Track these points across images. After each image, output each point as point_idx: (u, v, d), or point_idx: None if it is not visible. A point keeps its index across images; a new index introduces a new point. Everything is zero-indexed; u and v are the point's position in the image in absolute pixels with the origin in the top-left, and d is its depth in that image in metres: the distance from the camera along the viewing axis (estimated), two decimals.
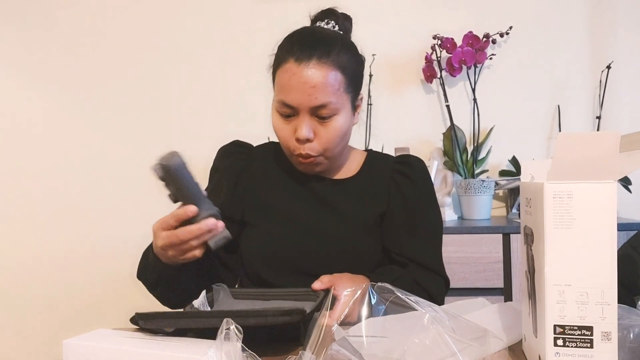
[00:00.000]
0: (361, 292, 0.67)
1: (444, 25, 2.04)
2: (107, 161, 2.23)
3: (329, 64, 0.94)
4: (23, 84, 2.27)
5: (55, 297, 2.22)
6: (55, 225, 2.24)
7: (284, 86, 0.95)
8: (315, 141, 0.97)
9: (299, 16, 1.13)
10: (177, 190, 0.81)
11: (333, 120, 0.96)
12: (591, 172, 0.58)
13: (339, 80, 0.96)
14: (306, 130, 0.95)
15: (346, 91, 0.98)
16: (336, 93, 0.95)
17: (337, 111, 0.96)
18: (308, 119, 0.95)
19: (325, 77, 0.93)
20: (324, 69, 0.94)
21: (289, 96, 0.95)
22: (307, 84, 0.93)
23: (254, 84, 2.13)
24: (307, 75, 0.93)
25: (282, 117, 0.98)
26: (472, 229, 1.71)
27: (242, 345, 0.58)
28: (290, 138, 0.98)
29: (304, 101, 0.94)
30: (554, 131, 2.07)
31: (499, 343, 0.69)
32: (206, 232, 0.83)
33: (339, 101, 0.96)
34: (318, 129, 0.96)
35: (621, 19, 2.06)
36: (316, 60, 0.94)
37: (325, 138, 0.97)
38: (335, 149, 1.00)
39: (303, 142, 0.97)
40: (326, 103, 0.94)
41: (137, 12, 2.24)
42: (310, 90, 0.93)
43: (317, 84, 0.93)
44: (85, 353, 0.66)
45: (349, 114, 1.00)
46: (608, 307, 0.58)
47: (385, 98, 2.12)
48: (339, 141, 0.99)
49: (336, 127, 0.97)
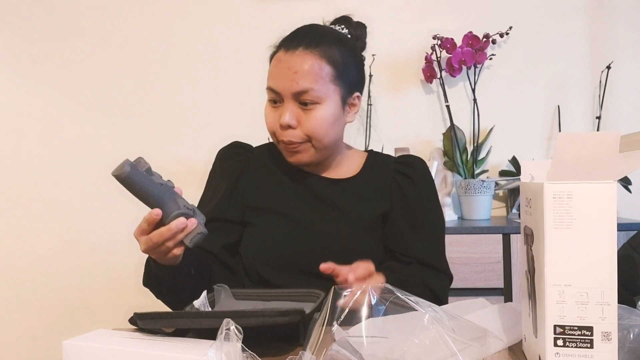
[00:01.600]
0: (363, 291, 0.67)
1: (443, 26, 2.04)
2: (107, 161, 2.23)
3: (315, 53, 0.98)
4: (23, 84, 2.27)
5: (55, 297, 2.22)
6: (55, 225, 2.23)
7: (271, 73, 1.01)
8: (298, 129, 0.99)
9: (299, 17, 1.14)
10: (138, 196, 0.82)
11: (316, 108, 0.98)
12: (591, 172, 0.58)
13: (324, 69, 0.98)
14: (288, 117, 0.98)
15: (333, 82, 0.99)
16: (319, 81, 0.97)
17: (320, 100, 0.98)
18: (291, 106, 0.98)
19: (309, 64, 0.97)
20: (308, 57, 0.98)
21: (273, 82, 0.99)
22: (290, 70, 0.97)
23: (254, 85, 2.12)
24: (291, 62, 0.97)
25: (270, 106, 1.02)
26: (472, 229, 1.71)
27: (242, 345, 0.58)
28: (276, 124, 1.01)
29: (286, 86, 0.97)
30: (554, 131, 2.07)
31: (498, 343, 0.69)
32: (177, 232, 0.82)
33: (323, 90, 0.98)
34: (301, 117, 0.99)
35: (621, 19, 2.06)
36: (302, 49, 0.98)
37: (307, 126, 0.98)
38: (322, 138, 1.00)
39: (285, 129, 0.99)
40: (307, 89, 0.96)
41: (137, 13, 2.23)
42: (293, 76, 0.96)
43: (299, 70, 0.96)
44: (85, 353, 0.66)
45: (337, 107, 1.01)
46: (608, 307, 0.58)
47: (385, 98, 2.12)
48: (324, 131, 1.00)
49: (319, 116, 0.98)
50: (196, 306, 0.86)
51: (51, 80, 2.26)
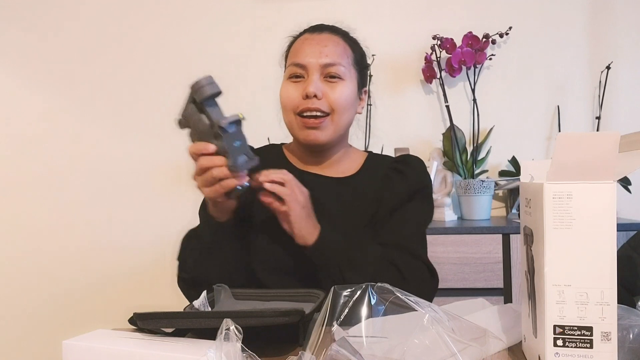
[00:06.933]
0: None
1: (443, 26, 2.04)
2: (108, 162, 2.23)
3: (339, 37, 1.07)
4: (23, 85, 2.27)
5: (55, 297, 2.22)
6: (54, 225, 2.23)
7: (297, 50, 1.05)
8: (322, 100, 1.01)
9: (300, 17, 1.14)
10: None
11: (340, 83, 1.02)
12: (591, 173, 0.58)
13: (348, 51, 1.06)
14: (315, 86, 1.00)
15: (354, 66, 1.06)
16: (344, 59, 1.04)
17: (344, 76, 1.03)
18: (317, 79, 1.01)
19: (336, 42, 1.05)
20: (335, 37, 1.06)
21: (300, 56, 1.03)
22: (319, 44, 1.03)
23: (254, 85, 2.13)
24: (320, 38, 1.05)
25: (291, 82, 1.04)
26: (471, 230, 1.71)
27: (242, 345, 0.58)
28: (298, 97, 1.02)
29: (315, 58, 1.01)
30: (554, 131, 2.07)
31: (498, 344, 0.69)
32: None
33: (347, 68, 1.04)
34: (326, 90, 1.02)
35: (621, 19, 2.06)
36: (328, 32, 1.07)
37: (333, 97, 1.01)
38: (342, 113, 1.03)
39: (311, 98, 1.01)
40: (335, 62, 1.02)
41: (138, 14, 2.23)
42: (322, 49, 1.02)
43: (329, 44, 1.03)
44: (84, 353, 0.66)
45: (355, 90, 1.06)
46: (608, 307, 0.58)
47: (385, 98, 2.12)
48: (345, 108, 1.03)
49: (343, 91, 1.02)
50: (196, 306, 0.86)
51: (52, 80, 2.26)
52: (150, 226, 2.18)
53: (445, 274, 1.66)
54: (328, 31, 1.07)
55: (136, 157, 2.20)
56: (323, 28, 1.08)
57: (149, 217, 2.19)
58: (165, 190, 2.15)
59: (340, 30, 1.09)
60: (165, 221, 2.13)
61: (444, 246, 1.68)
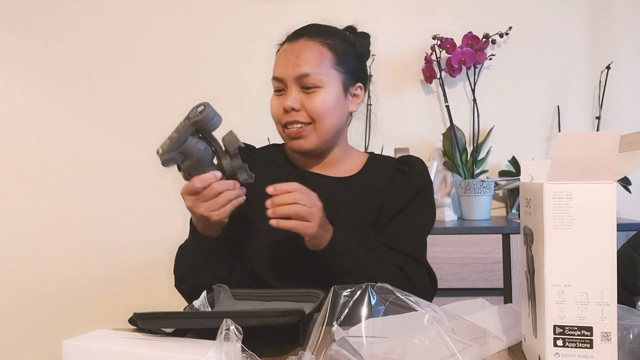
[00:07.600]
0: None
1: (443, 26, 2.04)
2: (108, 162, 2.23)
3: (316, 41, 1.04)
4: (24, 85, 2.27)
5: (55, 297, 2.22)
6: (54, 225, 2.23)
7: (276, 63, 1.06)
8: (301, 111, 1.02)
9: (300, 17, 1.14)
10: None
11: (318, 92, 1.01)
12: (591, 173, 0.58)
13: (324, 55, 1.03)
14: (292, 100, 1.01)
15: (334, 68, 1.03)
16: (320, 66, 1.01)
17: (322, 84, 1.01)
18: (295, 91, 1.02)
19: (309, 49, 1.02)
20: (309, 44, 1.03)
21: (277, 70, 1.04)
22: (292, 56, 1.02)
23: (255, 85, 2.13)
24: (293, 49, 1.03)
25: (275, 95, 1.06)
26: (471, 230, 1.71)
27: (242, 345, 0.58)
28: (280, 110, 1.04)
29: (288, 70, 1.02)
30: (554, 131, 2.07)
31: (498, 344, 0.69)
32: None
33: (324, 74, 1.02)
34: (304, 101, 1.02)
35: (621, 19, 2.06)
36: (304, 39, 1.04)
37: (310, 108, 1.01)
38: (324, 120, 1.02)
39: (289, 111, 1.02)
40: (308, 72, 1.00)
41: (139, 14, 2.23)
42: (295, 60, 1.01)
43: (301, 54, 1.02)
44: (84, 353, 0.66)
45: (338, 92, 1.04)
46: (608, 307, 0.58)
47: (385, 98, 2.12)
48: (326, 113, 1.02)
49: (320, 99, 1.01)
50: (196, 306, 0.86)
51: (52, 81, 2.26)
52: (150, 226, 2.18)
53: (445, 274, 1.66)
54: (305, 37, 1.04)
55: (136, 157, 2.20)
56: (300, 34, 1.05)
57: (149, 217, 2.19)
58: (165, 190, 2.15)
59: (320, 31, 1.05)
60: (165, 221, 2.13)
61: (444, 246, 1.68)
